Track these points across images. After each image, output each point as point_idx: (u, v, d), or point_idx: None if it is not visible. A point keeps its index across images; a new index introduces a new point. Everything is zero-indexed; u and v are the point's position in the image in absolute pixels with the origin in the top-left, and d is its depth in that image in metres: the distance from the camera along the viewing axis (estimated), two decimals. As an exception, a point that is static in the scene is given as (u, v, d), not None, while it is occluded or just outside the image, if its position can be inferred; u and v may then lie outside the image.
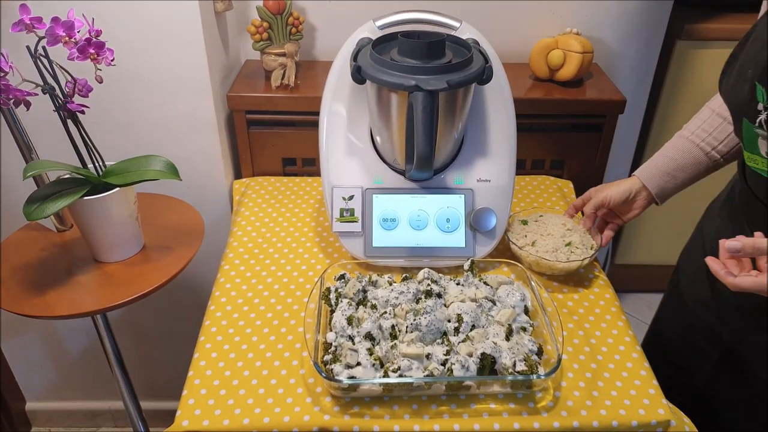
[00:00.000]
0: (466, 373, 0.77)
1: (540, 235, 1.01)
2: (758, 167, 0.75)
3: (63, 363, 1.56)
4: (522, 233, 1.03)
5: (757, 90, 0.71)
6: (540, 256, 0.97)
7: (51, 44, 0.81)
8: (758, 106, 0.71)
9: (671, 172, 0.94)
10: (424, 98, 0.84)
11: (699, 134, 0.92)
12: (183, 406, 0.80)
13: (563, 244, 0.97)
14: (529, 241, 1.01)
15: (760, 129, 0.71)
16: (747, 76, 0.73)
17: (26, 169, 0.87)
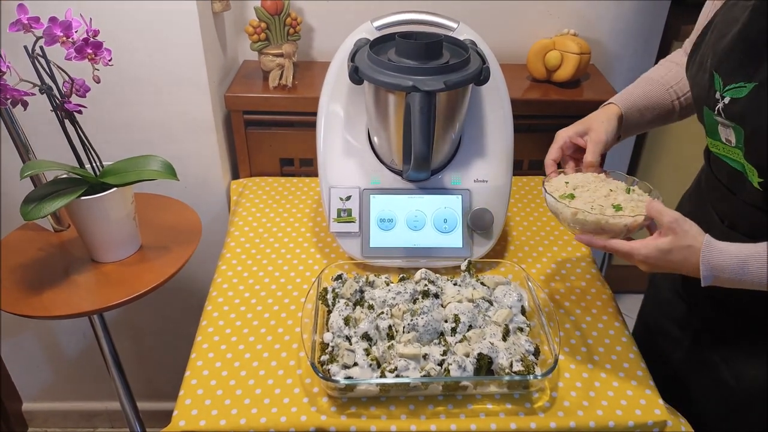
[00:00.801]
0: (463, 374, 0.77)
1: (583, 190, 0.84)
2: (719, 152, 0.78)
3: (60, 363, 1.56)
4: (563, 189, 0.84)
5: (714, 79, 0.73)
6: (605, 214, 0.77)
7: (48, 44, 0.81)
8: (716, 95, 0.73)
9: (641, 109, 0.91)
10: (421, 99, 0.85)
11: (668, 80, 0.91)
12: (180, 406, 0.80)
13: (610, 204, 0.79)
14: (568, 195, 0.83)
15: (719, 117, 0.73)
16: (706, 65, 0.75)
17: (23, 169, 0.87)
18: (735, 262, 0.67)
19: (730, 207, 0.81)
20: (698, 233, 0.69)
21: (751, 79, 0.69)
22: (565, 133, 0.89)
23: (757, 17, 0.68)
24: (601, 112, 0.90)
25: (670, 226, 0.70)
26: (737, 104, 0.70)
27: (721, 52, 0.73)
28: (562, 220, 0.81)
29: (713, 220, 0.84)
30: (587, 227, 0.77)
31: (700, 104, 0.78)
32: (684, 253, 0.69)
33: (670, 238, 0.70)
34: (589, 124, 0.88)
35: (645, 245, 0.71)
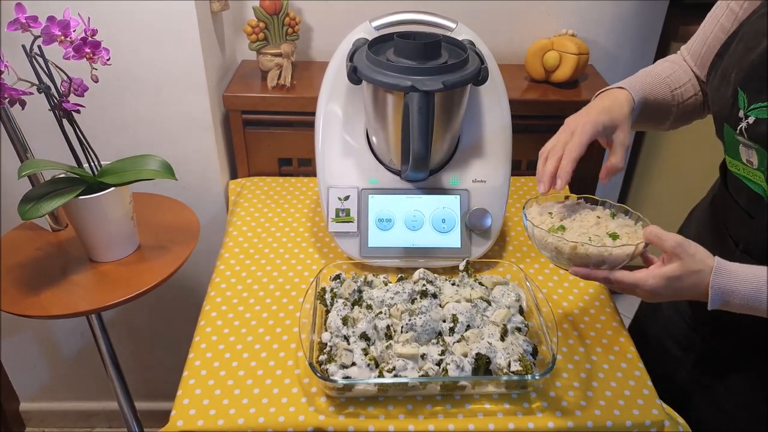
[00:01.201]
0: (461, 374, 0.78)
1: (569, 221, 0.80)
2: (739, 173, 0.74)
3: (57, 363, 1.56)
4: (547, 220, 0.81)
5: (738, 96, 0.69)
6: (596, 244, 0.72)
7: (47, 43, 0.81)
8: (739, 113, 0.69)
9: (647, 105, 0.83)
10: (419, 99, 0.85)
11: (672, 82, 0.86)
12: (178, 406, 0.80)
13: (605, 233, 0.75)
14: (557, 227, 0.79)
15: (741, 137, 0.69)
16: (730, 79, 0.72)
17: (21, 169, 0.86)
18: (749, 288, 0.62)
19: (746, 231, 0.76)
20: (705, 256, 0.65)
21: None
22: (594, 125, 0.75)
23: None
24: (622, 105, 0.78)
25: (673, 251, 0.65)
26: (763, 124, 0.65)
27: (747, 66, 0.68)
28: (555, 256, 0.74)
29: (727, 244, 0.80)
30: (587, 261, 0.71)
31: (721, 121, 0.73)
32: (693, 278, 0.64)
33: (677, 265, 0.64)
34: (614, 119, 0.77)
35: (652, 275, 0.66)
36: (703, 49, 0.83)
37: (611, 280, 0.70)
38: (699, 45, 0.84)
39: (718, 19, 0.80)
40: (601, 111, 0.77)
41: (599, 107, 0.78)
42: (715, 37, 0.81)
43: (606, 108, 0.78)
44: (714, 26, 0.81)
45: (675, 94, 0.85)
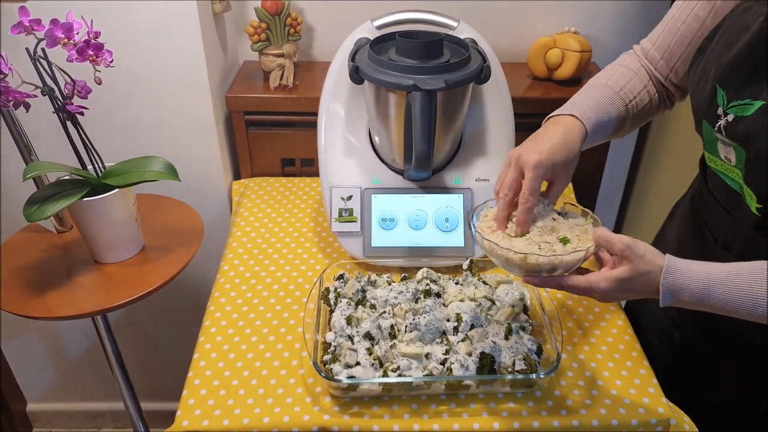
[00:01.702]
0: (466, 373, 0.77)
1: None
2: (717, 169, 0.74)
3: (63, 364, 1.56)
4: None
5: (717, 93, 0.68)
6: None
7: (50, 46, 0.81)
8: (718, 111, 0.68)
9: (601, 124, 0.78)
10: (422, 98, 0.85)
11: (618, 82, 0.82)
12: (183, 406, 0.80)
13: (555, 239, 0.72)
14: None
15: (719, 134, 0.69)
16: (709, 75, 0.70)
17: (26, 171, 0.87)
18: (699, 285, 0.62)
19: (725, 227, 0.77)
20: (655, 256, 0.64)
21: (758, 96, 0.63)
22: (547, 163, 0.71)
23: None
24: (575, 144, 0.74)
25: (623, 254, 0.64)
26: (741, 123, 0.65)
27: (726, 64, 0.67)
28: (506, 266, 0.71)
29: (707, 240, 0.80)
30: (539, 270, 0.69)
31: (700, 117, 0.73)
32: (644, 279, 0.64)
33: (627, 267, 0.64)
34: (566, 159, 0.73)
35: (604, 278, 0.65)
36: (673, 40, 0.80)
37: (564, 286, 0.69)
38: (668, 36, 0.81)
39: (691, 9, 0.77)
40: (557, 147, 0.72)
41: (552, 142, 0.72)
42: (688, 27, 0.78)
43: (560, 144, 0.73)
44: (686, 15, 0.78)
45: (630, 107, 0.81)
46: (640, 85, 0.82)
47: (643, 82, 0.83)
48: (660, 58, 0.83)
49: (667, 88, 0.85)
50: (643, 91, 0.82)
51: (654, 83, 0.84)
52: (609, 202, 1.60)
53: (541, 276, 0.69)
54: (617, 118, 0.80)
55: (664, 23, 0.82)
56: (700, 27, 0.77)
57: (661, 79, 0.84)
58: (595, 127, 0.76)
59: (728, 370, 0.83)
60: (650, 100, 0.83)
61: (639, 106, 0.82)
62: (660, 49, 0.82)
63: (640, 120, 0.85)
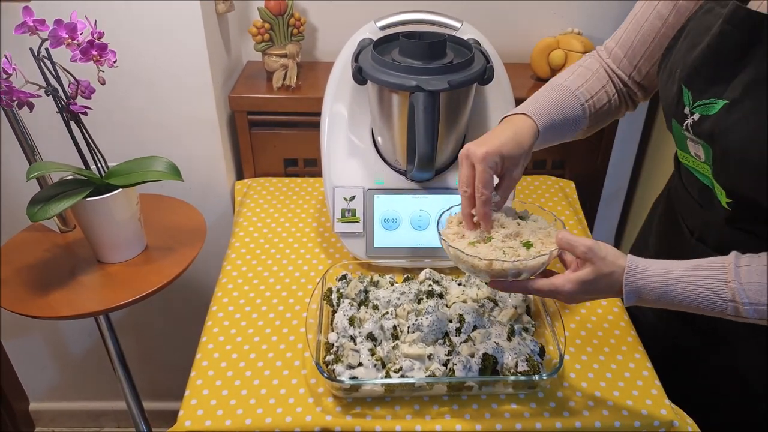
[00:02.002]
0: (468, 374, 0.77)
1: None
2: (689, 165, 0.75)
3: (66, 363, 1.57)
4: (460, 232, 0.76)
5: (683, 92, 0.70)
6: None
7: (54, 46, 0.81)
8: (685, 110, 0.70)
9: (556, 123, 0.77)
10: (425, 99, 0.85)
11: (574, 81, 0.82)
12: (185, 406, 0.80)
13: (519, 243, 0.73)
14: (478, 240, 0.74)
15: (687, 132, 0.70)
16: (676, 75, 0.72)
17: (30, 171, 0.87)
18: (660, 284, 0.64)
19: (699, 221, 0.79)
20: (616, 257, 0.66)
21: (721, 96, 0.65)
22: (494, 158, 0.71)
23: (728, 29, 0.64)
24: (526, 138, 0.74)
25: (585, 256, 0.66)
26: (706, 122, 0.67)
27: (690, 64, 0.69)
28: (472, 271, 0.72)
29: (683, 233, 0.82)
30: (504, 275, 0.70)
31: (669, 116, 0.75)
32: (607, 280, 0.66)
33: (590, 269, 0.66)
34: (514, 153, 0.72)
35: (568, 280, 0.67)
36: (636, 38, 0.81)
37: (530, 290, 0.70)
38: (631, 34, 0.81)
39: (654, 6, 0.78)
40: (505, 141, 0.72)
41: (501, 137, 0.73)
42: (651, 25, 0.79)
43: (509, 138, 0.73)
44: (649, 13, 0.79)
45: (586, 107, 0.81)
46: (597, 85, 0.82)
47: (602, 82, 0.83)
48: (623, 57, 0.83)
49: (630, 88, 0.85)
50: (600, 91, 0.82)
51: (614, 84, 0.84)
52: (613, 202, 1.60)
53: (506, 281, 0.71)
54: (573, 117, 0.80)
55: (627, 22, 0.82)
56: (663, 25, 0.78)
57: (624, 78, 0.84)
58: (547, 125, 0.77)
59: (722, 368, 0.83)
60: (609, 101, 0.84)
61: (596, 106, 0.82)
62: (623, 47, 0.83)
63: (600, 121, 0.85)
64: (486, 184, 0.71)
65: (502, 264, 0.68)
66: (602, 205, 1.47)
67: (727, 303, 0.62)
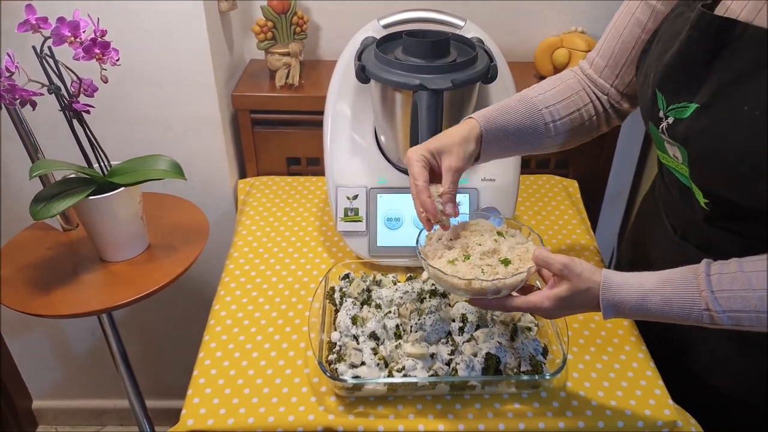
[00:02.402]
0: (471, 373, 0.77)
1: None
2: (669, 164, 0.76)
3: (69, 362, 1.57)
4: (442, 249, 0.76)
5: (657, 96, 0.70)
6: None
7: (56, 44, 0.81)
8: (660, 113, 0.71)
9: (505, 128, 0.76)
10: (428, 97, 0.84)
11: (544, 100, 0.79)
12: (188, 405, 0.80)
13: (497, 260, 0.73)
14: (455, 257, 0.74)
15: (663, 135, 0.71)
16: (650, 79, 0.72)
17: (32, 169, 0.87)
18: (636, 298, 0.64)
19: (682, 219, 0.80)
20: (591, 272, 0.66)
21: (692, 99, 0.66)
22: (419, 152, 0.72)
23: (695, 35, 0.64)
24: (458, 130, 0.75)
25: (561, 273, 0.67)
26: (680, 125, 0.67)
27: (663, 68, 0.69)
28: (453, 291, 0.72)
29: (666, 231, 0.83)
30: (483, 293, 0.70)
31: (646, 119, 0.76)
32: (583, 296, 0.66)
33: (566, 286, 0.67)
34: (443, 144, 0.73)
35: (546, 297, 0.68)
36: (617, 46, 0.80)
37: (509, 307, 0.71)
38: (612, 42, 0.81)
39: (632, 13, 0.78)
40: (436, 138, 0.75)
41: (438, 135, 0.76)
42: (631, 32, 0.78)
43: (441, 135, 0.75)
44: (628, 20, 0.78)
45: (553, 126, 0.79)
46: (572, 107, 0.80)
47: (578, 104, 0.81)
48: (605, 66, 0.82)
49: (614, 101, 0.83)
50: (575, 113, 0.81)
51: (595, 104, 0.83)
52: (616, 201, 1.59)
53: (486, 299, 0.71)
54: (530, 128, 0.78)
55: (608, 31, 0.82)
56: (642, 31, 0.77)
57: (606, 88, 0.83)
58: (493, 128, 0.76)
59: (722, 366, 0.83)
60: (583, 123, 0.82)
61: (566, 127, 0.80)
62: (604, 56, 0.82)
63: (577, 137, 0.83)
64: (416, 175, 0.71)
65: (481, 283, 0.69)
66: (605, 205, 1.47)
67: (701, 312, 0.62)
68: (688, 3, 0.70)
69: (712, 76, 0.64)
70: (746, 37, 0.61)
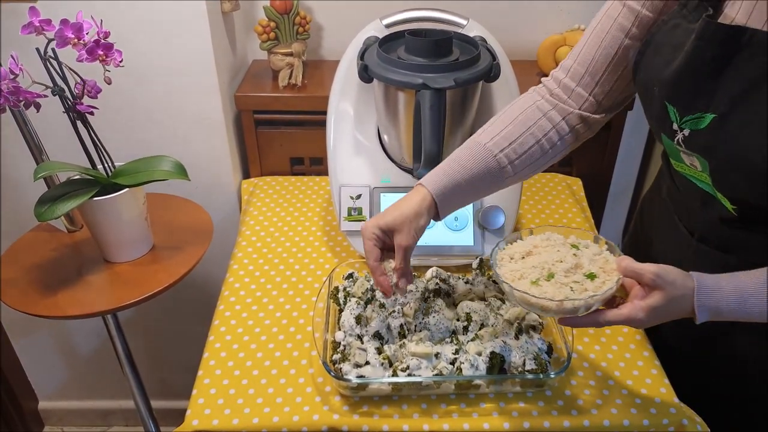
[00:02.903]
0: (476, 372, 0.77)
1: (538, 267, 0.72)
2: (685, 173, 0.75)
3: (74, 362, 1.57)
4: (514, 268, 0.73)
5: (668, 110, 0.70)
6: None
7: (60, 46, 0.82)
8: (673, 126, 0.70)
9: (461, 184, 0.76)
10: (431, 96, 0.84)
11: (497, 143, 0.77)
12: (193, 405, 0.80)
13: (581, 275, 0.70)
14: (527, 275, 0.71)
15: (680, 147, 0.70)
16: (654, 93, 0.71)
17: (37, 171, 0.87)
18: (733, 301, 0.63)
19: (701, 223, 0.79)
20: (684, 278, 0.65)
21: (707, 109, 0.65)
22: (371, 230, 0.74)
23: (702, 45, 0.64)
24: (409, 204, 0.74)
25: (654, 284, 0.64)
26: (699, 136, 0.67)
27: (670, 81, 0.68)
28: (542, 312, 0.69)
29: (681, 234, 0.82)
30: (575, 312, 0.67)
31: (658, 131, 0.75)
32: (679, 303, 0.65)
33: (660, 295, 0.64)
34: (394, 221, 0.74)
35: (640, 309, 0.65)
36: (598, 52, 0.77)
37: (601, 323, 0.68)
38: (591, 48, 0.77)
39: (614, 18, 0.75)
40: (389, 212, 0.75)
41: (392, 209, 0.75)
42: (613, 37, 0.76)
43: (394, 208, 0.75)
44: (609, 25, 0.76)
45: (512, 166, 0.77)
46: (530, 141, 0.78)
47: (536, 137, 0.78)
48: (584, 73, 0.79)
49: (585, 116, 0.80)
50: (534, 147, 0.78)
51: (559, 127, 0.79)
52: (620, 200, 1.59)
53: (576, 317, 0.68)
54: (489, 178, 0.77)
55: (586, 36, 0.78)
56: (626, 36, 0.75)
57: (582, 98, 0.79)
58: (446, 191, 0.75)
59: (729, 364, 0.83)
60: (545, 153, 0.79)
61: (526, 163, 0.78)
62: (583, 62, 0.78)
63: (540, 167, 0.81)
64: (368, 254, 0.75)
65: (574, 302, 0.66)
66: (609, 203, 1.46)
67: None
68: (684, 15, 0.69)
69: (725, 85, 0.63)
70: (756, 43, 0.61)
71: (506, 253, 0.75)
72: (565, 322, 0.69)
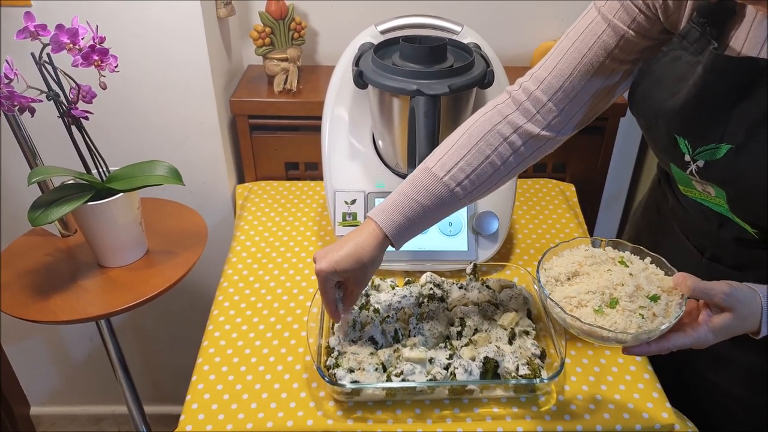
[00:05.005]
0: (469, 377, 0.77)
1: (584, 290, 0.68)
2: (697, 198, 0.75)
3: (67, 367, 1.57)
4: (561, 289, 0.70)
5: (679, 142, 0.69)
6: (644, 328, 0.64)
7: (55, 51, 0.82)
8: (685, 157, 0.69)
9: (416, 218, 0.74)
10: (426, 103, 0.85)
11: (444, 166, 0.74)
12: (186, 410, 0.80)
13: (643, 296, 0.66)
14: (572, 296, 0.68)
15: (693, 177, 0.70)
16: (660, 125, 0.70)
17: (31, 175, 0.87)
18: None
19: (713, 242, 0.78)
20: (752, 297, 0.63)
21: (722, 139, 0.64)
22: (325, 274, 0.74)
23: (713, 78, 0.63)
24: (363, 249, 0.73)
25: (725, 303, 0.62)
26: (715, 167, 0.66)
27: (678, 113, 0.67)
28: (609, 342, 0.65)
29: (690, 252, 0.81)
30: (646, 340, 0.64)
31: (666, 161, 0.74)
32: (748, 322, 0.63)
33: (731, 315, 0.62)
34: (350, 268, 0.73)
35: (710, 330, 0.63)
36: (578, 68, 0.72)
37: (671, 348, 0.65)
38: (570, 62, 0.73)
39: (597, 35, 0.71)
40: (344, 256, 0.73)
41: (343, 250, 0.74)
42: (595, 55, 0.71)
43: (349, 253, 0.73)
44: (592, 42, 0.71)
45: (458, 190, 0.74)
46: (479, 158, 0.74)
47: (485, 153, 0.75)
48: (559, 88, 0.74)
49: (546, 133, 0.76)
50: (484, 164, 0.75)
51: (511, 140, 0.76)
52: (613, 205, 1.60)
53: (645, 346, 0.65)
54: (439, 203, 0.75)
55: (564, 48, 0.74)
56: (607, 56, 0.71)
57: (551, 114, 0.75)
58: (400, 227, 0.74)
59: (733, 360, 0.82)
60: (497, 169, 0.76)
61: (478, 182, 0.75)
62: (560, 76, 0.73)
63: (497, 184, 0.78)
64: (324, 298, 0.78)
65: (650, 334, 0.63)
66: (603, 209, 1.47)
67: None
68: (685, 46, 0.67)
69: (738, 115, 0.63)
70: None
71: (550, 275, 0.70)
72: (629, 352, 0.66)
